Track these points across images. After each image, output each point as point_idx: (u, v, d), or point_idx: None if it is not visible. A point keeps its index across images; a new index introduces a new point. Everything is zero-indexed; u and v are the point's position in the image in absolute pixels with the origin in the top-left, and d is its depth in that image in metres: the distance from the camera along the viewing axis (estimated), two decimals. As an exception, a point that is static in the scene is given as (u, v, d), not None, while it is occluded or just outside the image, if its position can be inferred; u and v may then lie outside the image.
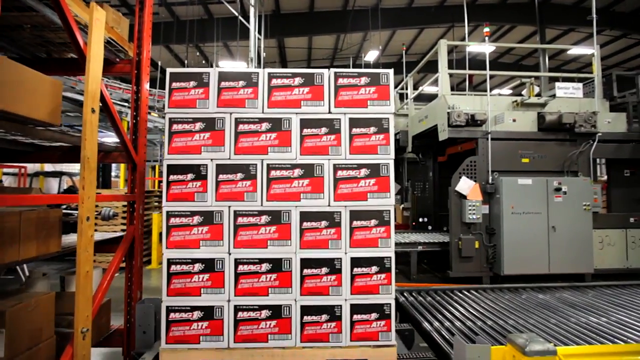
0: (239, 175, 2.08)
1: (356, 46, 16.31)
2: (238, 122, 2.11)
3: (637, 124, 5.81)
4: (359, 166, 2.10)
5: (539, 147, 5.66)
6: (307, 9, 14.32)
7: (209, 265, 2.06)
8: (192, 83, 2.12)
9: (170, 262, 2.06)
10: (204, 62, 17.96)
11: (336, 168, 2.10)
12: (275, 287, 2.06)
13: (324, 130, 2.11)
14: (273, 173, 2.09)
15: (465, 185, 5.41)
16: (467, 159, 5.46)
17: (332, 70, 2.15)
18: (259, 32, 12.39)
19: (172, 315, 2.05)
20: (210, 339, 2.04)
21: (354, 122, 2.12)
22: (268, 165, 2.09)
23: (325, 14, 14.37)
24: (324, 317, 2.06)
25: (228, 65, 16.09)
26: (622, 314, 2.48)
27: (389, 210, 2.11)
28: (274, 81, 2.13)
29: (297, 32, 14.86)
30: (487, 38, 6.20)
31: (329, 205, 2.09)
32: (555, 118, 5.48)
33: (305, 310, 2.06)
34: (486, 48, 6.62)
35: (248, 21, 10.62)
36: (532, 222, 5.26)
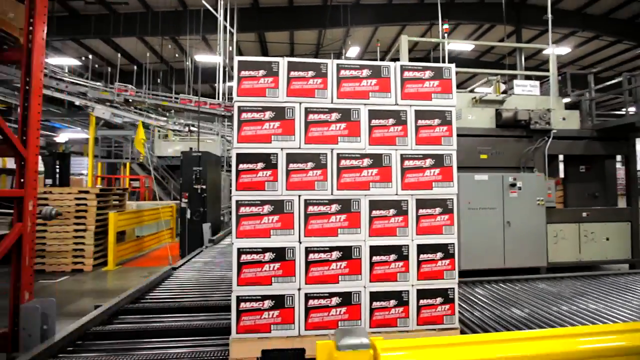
0: (310, 165, 2.10)
1: (338, 42, 16.43)
2: (308, 111, 2.12)
3: (591, 121, 6.17)
4: (425, 156, 2.18)
5: (497, 143, 5.88)
6: (286, 3, 14.24)
7: (280, 254, 2.07)
8: (262, 72, 2.11)
9: (240, 252, 2.05)
10: (176, 55, 17.43)
11: (403, 158, 2.16)
12: (345, 274, 2.10)
13: (391, 121, 2.17)
14: (343, 162, 2.12)
15: None
16: None
17: (399, 63, 2.22)
18: (232, 26, 12.18)
19: (243, 305, 2.04)
20: (282, 327, 2.05)
21: (419, 114, 2.20)
22: (338, 154, 2.12)
23: (306, 8, 14.32)
24: (392, 302, 2.13)
25: (205, 58, 15.67)
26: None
27: (452, 199, 2.20)
28: (343, 72, 2.17)
29: (276, 26, 14.76)
30: (446, 35, 6.46)
31: (396, 194, 2.15)
32: (511, 115, 5.72)
33: (374, 296, 2.12)
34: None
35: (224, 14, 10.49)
36: (488, 217, 5.46)
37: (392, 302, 2.12)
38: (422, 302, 2.15)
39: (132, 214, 7.98)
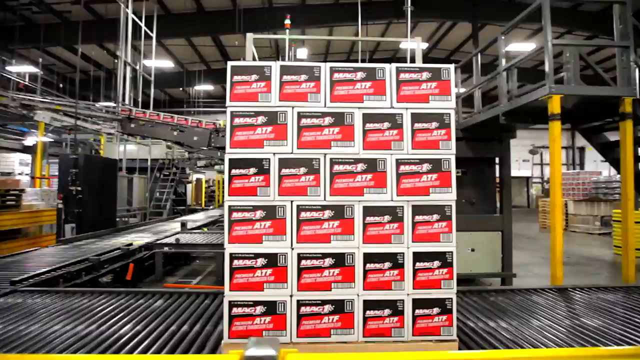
0: (302, 170, 2.07)
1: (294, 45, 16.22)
2: (300, 116, 2.09)
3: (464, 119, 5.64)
4: (421, 161, 2.11)
5: None
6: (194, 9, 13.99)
7: (272, 260, 2.05)
8: (254, 76, 2.10)
9: (232, 257, 2.05)
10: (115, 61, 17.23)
11: (399, 163, 2.10)
12: (339, 281, 2.06)
13: (386, 125, 2.11)
14: (336, 167, 2.08)
15: None
16: None
17: (394, 64, 2.15)
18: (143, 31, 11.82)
19: (235, 310, 2.04)
20: (273, 333, 2.04)
21: (415, 117, 2.12)
22: (331, 159, 2.08)
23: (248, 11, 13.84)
24: (387, 311, 2.07)
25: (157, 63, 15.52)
26: None
27: (451, 205, 2.12)
28: (336, 75, 2.12)
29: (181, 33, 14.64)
30: (287, 30, 6.13)
31: (391, 200, 2.09)
32: None
33: (368, 305, 2.07)
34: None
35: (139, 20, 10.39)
36: None
37: (387, 312, 2.07)
38: (417, 312, 2.08)
39: (23, 214, 8.30)
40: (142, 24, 11.38)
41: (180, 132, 8.76)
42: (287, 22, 6.18)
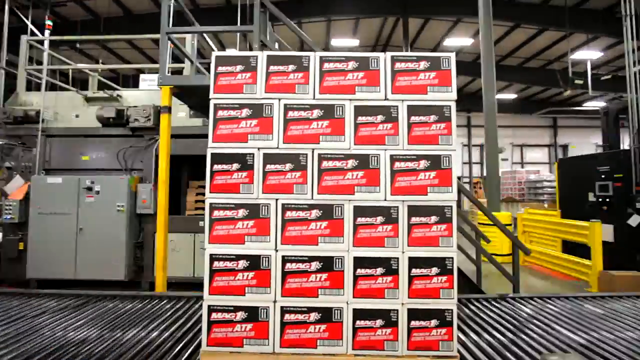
0: (288, 166, 1.93)
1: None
2: (287, 108, 1.96)
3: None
4: (418, 157, 1.93)
5: (104, 144, 5.56)
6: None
7: (254, 262, 1.90)
8: (239, 67, 1.99)
9: (213, 258, 1.91)
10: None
11: (393, 159, 1.93)
12: (326, 287, 1.89)
13: (380, 118, 1.95)
14: (325, 164, 1.93)
15: (15, 185, 5.26)
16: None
17: (389, 53, 1.99)
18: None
19: (214, 316, 1.90)
20: (255, 342, 1.88)
21: (412, 110, 1.95)
22: (320, 155, 1.93)
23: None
24: (379, 322, 1.88)
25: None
26: None
27: (451, 206, 1.92)
28: (326, 65, 1.98)
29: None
30: (47, 31, 6.03)
31: (385, 200, 1.91)
32: (112, 113, 5.40)
33: (358, 314, 1.88)
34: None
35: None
36: (61, 223, 5.06)
37: (379, 322, 1.88)
38: (413, 323, 1.88)
39: None
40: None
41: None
42: (48, 22, 6.21)
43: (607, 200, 6.39)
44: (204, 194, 5.81)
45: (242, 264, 1.90)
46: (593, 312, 2.68)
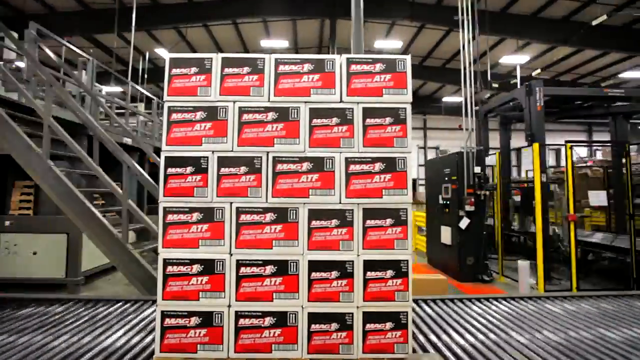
0: (243, 169, 1.91)
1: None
2: (242, 111, 1.94)
3: None
4: (373, 160, 1.92)
5: None
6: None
7: (209, 266, 1.88)
8: (194, 69, 1.97)
9: (166, 263, 1.89)
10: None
11: (348, 162, 1.92)
12: (281, 291, 1.88)
13: (335, 120, 1.94)
14: (279, 167, 1.91)
15: None
16: None
17: (345, 55, 1.99)
18: None
19: (168, 321, 1.87)
20: (209, 347, 1.86)
21: (368, 112, 1.95)
22: (274, 157, 1.92)
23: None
24: (334, 325, 1.87)
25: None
26: None
27: (406, 209, 1.92)
28: (282, 67, 1.97)
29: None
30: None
31: (340, 203, 1.90)
32: None
33: (313, 318, 1.87)
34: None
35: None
36: None
37: (334, 326, 1.87)
38: (368, 326, 1.87)
39: None
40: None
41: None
42: None
43: (447, 202, 6.44)
44: (28, 194, 5.70)
45: (196, 268, 1.88)
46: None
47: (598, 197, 5.99)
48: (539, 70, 15.49)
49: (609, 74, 17.59)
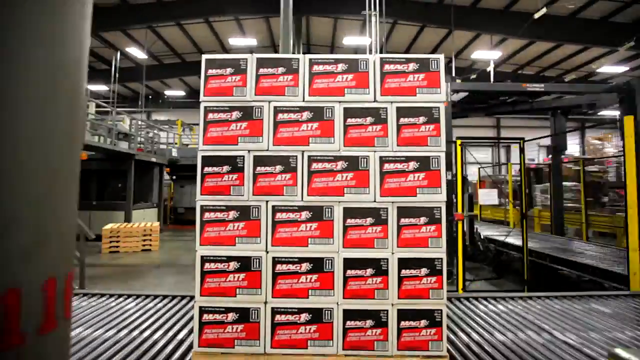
0: (278, 168, 1.94)
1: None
2: (277, 111, 1.97)
3: None
4: (408, 159, 1.94)
5: None
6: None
7: (245, 263, 1.92)
8: (229, 70, 2.00)
9: (204, 260, 1.93)
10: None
11: (383, 161, 1.94)
12: (316, 288, 1.91)
13: (369, 120, 1.96)
14: (314, 165, 1.94)
15: None
16: None
17: (378, 55, 2.00)
18: None
19: (206, 317, 1.91)
20: (246, 343, 1.90)
21: (401, 112, 1.96)
22: (309, 157, 1.94)
23: None
24: (369, 322, 1.89)
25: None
26: None
27: (440, 207, 1.93)
28: (316, 68, 1.99)
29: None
30: None
31: (374, 201, 1.93)
32: None
33: (348, 314, 1.90)
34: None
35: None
36: None
37: (369, 322, 1.89)
38: (403, 324, 1.89)
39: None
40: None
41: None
42: None
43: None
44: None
45: (233, 265, 1.92)
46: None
47: (489, 196, 5.81)
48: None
49: (590, 70, 16.94)
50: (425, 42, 15.35)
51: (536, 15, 9.21)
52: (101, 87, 18.57)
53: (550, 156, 9.44)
